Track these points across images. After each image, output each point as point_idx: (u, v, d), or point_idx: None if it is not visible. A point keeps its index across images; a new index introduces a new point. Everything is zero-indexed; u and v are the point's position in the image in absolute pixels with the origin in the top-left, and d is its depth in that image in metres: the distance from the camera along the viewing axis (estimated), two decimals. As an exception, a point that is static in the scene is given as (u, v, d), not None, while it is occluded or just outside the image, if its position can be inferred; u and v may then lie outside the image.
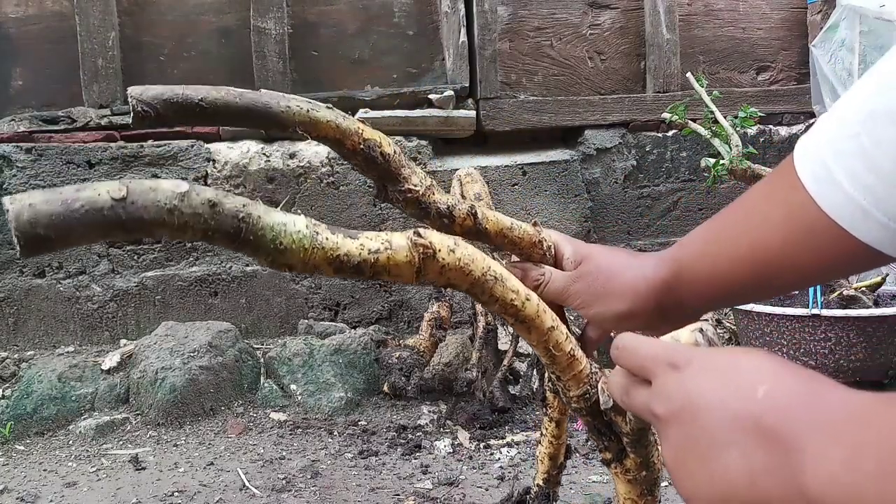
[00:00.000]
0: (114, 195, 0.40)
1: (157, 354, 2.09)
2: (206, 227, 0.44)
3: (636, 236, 2.80)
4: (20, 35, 2.56)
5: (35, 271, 2.43)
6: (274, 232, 0.47)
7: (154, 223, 0.42)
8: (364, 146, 0.62)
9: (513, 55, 2.79)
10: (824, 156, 0.57)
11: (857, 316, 1.91)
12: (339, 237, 0.50)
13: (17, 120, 2.47)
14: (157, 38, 2.62)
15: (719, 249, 0.68)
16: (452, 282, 0.55)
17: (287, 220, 0.48)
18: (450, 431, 1.96)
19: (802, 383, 0.41)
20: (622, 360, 0.51)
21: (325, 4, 2.71)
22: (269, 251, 0.47)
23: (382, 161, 0.63)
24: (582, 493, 1.60)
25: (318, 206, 2.56)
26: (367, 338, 2.25)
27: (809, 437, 0.38)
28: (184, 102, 0.54)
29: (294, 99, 0.59)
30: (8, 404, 2.03)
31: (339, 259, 0.50)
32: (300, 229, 0.48)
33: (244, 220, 0.45)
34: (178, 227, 0.43)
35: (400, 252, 0.52)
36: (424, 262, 0.53)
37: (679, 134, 2.72)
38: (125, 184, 0.41)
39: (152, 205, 0.41)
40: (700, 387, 0.44)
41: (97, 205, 0.40)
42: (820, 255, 0.60)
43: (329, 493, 1.64)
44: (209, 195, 0.44)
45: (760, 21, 2.94)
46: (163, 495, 1.64)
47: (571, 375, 0.62)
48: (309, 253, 0.48)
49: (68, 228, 0.39)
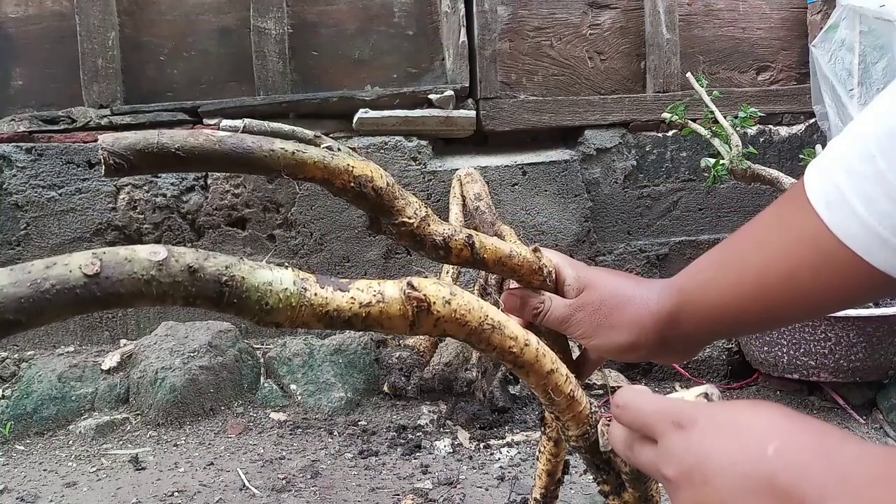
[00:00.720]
0: (86, 271, 0.38)
1: (157, 354, 2.09)
2: (186, 294, 0.42)
3: (636, 236, 2.80)
4: (20, 35, 2.56)
5: (35, 271, 2.42)
6: (259, 292, 0.45)
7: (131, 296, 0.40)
8: (354, 183, 0.60)
9: (513, 55, 2.79)
10: (837, 180, 0.55)
11: (857, 316, 1.91)
12: (328, 291, 0.48)
13: (17, 120, 2.47)
14: (157, 37, 2.62)
15: (726, 279, 0.65)
16: (448, 332, 0.54)
17: (273, 277, 0.46)
18: (450, 431, 1.96)
19: (814, 438, 0.40)
20: (624, 418, 0.50)
21: (325, 4, 2.71)
22: (255, 312, 0.45)
23: (374, 196, 0.61)
24: (582, 494, 1.60)
25: (318, 205, 2.56)
26: (367, 338, 2.25)
27: (826, 496, 0.37)
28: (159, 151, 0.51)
29: (278, 142, 0.56)
30: (8, 404, 2.03)
31: (329, 315, 0.48)
32: (287, 287, 0.46)
33: (227, 284, 0.43)
34: (156, 297, 0.41)
35: (393, 305, 0.50)
36: (418, 315, 0.51)
37: (679, 134, 2.72)
38: (98, 256, 0.39)
39: (128, 278, 0.39)
40: (708, 447, 0.43)
41: (69, 283, 0.38)
42: (832, 283, 0.57)
43: (329, 493, 1.64)
44: (188, 260, 0.42)
45: (760, 21, 2.94)
46: (163, 495, 1.64)
47: (571, 416, 0.61)
48: (297, 311, 0.46)
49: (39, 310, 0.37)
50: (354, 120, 2.55)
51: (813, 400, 2.06)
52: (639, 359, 0.70)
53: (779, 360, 2.00)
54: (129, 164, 0.51)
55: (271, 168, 0.56)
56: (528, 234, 2.58)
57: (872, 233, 0.53)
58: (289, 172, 0.57)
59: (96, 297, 0.39)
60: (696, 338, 0.69)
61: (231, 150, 0.54)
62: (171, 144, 0.52)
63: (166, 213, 2.49)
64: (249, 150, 0.55)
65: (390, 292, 0.51)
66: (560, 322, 0.69)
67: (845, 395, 2.00)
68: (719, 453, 0.42)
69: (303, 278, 0.47)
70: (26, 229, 2.41)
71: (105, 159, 0.50)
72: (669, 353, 0.69)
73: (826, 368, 1.94)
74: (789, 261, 0.60)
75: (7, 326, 0.36)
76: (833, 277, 0.57)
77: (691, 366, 2.23)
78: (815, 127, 2.87)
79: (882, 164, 0.52)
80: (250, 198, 2.53)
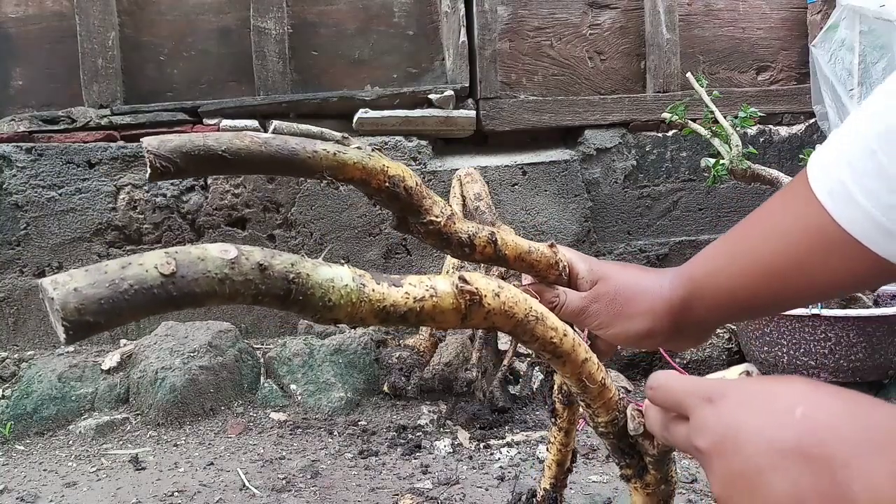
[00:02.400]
0: (163, 270, 0.39)
1: (157, 354, 2.09)
2: (256, 293, 0.42)
3: (636, 236, 2.80)
4: (20, 35, 2.56)
5: (35, 271, 2.43)
6: (323, 289, 0.45)
7: (205, 295, 0.40)
8: (389, 183, 0.61)
9: (513, 55, 2.79)
10: (840, 173, 0.57)
11: (857, 316, 1.91)
12: (384, 286, 0.49)
13: (17, 120, 2.47)
14: (157, 37, 2.62)
15: (735, 265, 0.68)
16: (497, 324, 0.55)
17: (334, 274, 0.46)
18: (450, 431, 1.96)
19: (841, 401, 0.41)
20: (658, 398, 0.52)
21: (325, 4, 2.71)
22: (318, 309, 0.45)
23: (406, 195, 0.62)
24: (582, 493, 1.60)
25: (318, 206, 2.56)
26: (367, 338, 2.25)
27: (853, 453, 0.38)
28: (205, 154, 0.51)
29: (320, 143, 0.57)
30: (8, 404, 2.03)
31: (386, 310, 0.49)
32: (347, 283, 0.46)
33: (293, 282, 0.44)
34: (229, 296, 0.41)
35: (446, 299, 0.51)
36: (470, 308, 0.52)
37: (679, 134, 2.72)
38: (173, 256, 0.39)
39: (203, 277, 0.40)
40: (738, 417, 0.44)
41: (146, 283, 0.38)
42: (838, 270, 0.60)
43: (329, 493, 1.64)
44: (258, 258, 0.42)
45: (760, 21, 2.94)
46: (163, 495, 1.64)
47: (601, 403, 0.63)
48: (356, 307, 0.47)
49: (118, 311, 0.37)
50: (354, 120, 2.55)
51: (813, 400, 2.06)
52: (653, 346, 0.72)
53: (779, 360, 2.00)
54: (175, 167, 0.50)
55: (314, 170, 0.56)
56: (528, 235, 2.58)
57: (876, 224, 0.55)
58: (330, 174, 0.57)
59: (172, 297, 0.39)
60: (708, 323, 0.71)
61: (276, 153, 0.54)
62: (216, 147, 0.51)
63: (166, 213, 2.48)
64: (294, 151, 0.55)
65: (442, 287, 0.52)
66: (576, 314, 0.71)
67: (845, 395, 2.00)
68: (748, 422, 0.43)
69: (360, 275, 0.48)
70: (26, 229, 2.41)
71: (151, 162, 0.49)
72: (682, 339, 0.72)
73: (826, 368, 1.94)
74: (797, 249, 0.62)
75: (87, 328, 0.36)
76: (839, 264, 0.59)
77: (691, 365, 2.23)
78: (815, 127, 2.87)
79: (883, 159, 0.53)
80: (250, 198, 2.53)
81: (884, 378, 1.97)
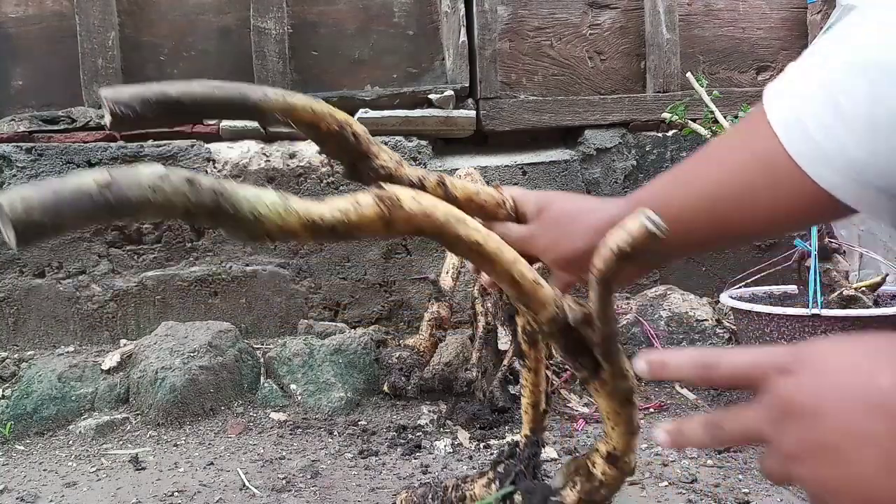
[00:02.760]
0: (99, 181, 0.43)
1: (157, 354, 2.09)
2: (187, 204, 0.46)
3: (636, 236, 2.79)
4: (20, 35, 2.56)
5: (35, 271, 2.43)
6: (250, 203, 0.50)
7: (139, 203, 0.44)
8: (337, 126, 0.66)
9: (513, 55, 2.79)
10: (795, 103, 0.57)
11: (857, 316, 1.91)
12: (308, 203, 0.53)
13: (17, 120, 2.47)
14: (157, 37, 2.62)
15: (680, 191, 0.68)
16: (420, 228, 0.58)
17: (258, 191, 0.51)
18: (450, 431, 1.96)
19: None
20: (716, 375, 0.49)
21: (325, 4, 2.71)
22: (248, 221, 0.49)
23: (354, 140, 0.67)
24: (582, 493, 1.60)
25: (318, 206, 2.56)
26: (367, 338, 2.25)
27: None
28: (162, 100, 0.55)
29: (269, 89, 0.62)
30: (8, 404, 2.03)
31: (314, 222, 0.53)
32: (273, 199, 0.51)
33: (221, 195, 0.48)
34: (161, 206, 0.45)
35: (368, 207, 0.56)
36: (392, 213, 0.56)
37: (679, 134, 2.72)
38: (109, 171, 0.44)
39: (136, 186, 0.44)
40: (822, 389, 0.43)
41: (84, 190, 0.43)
42: (781, 199, 0.60)
43: (329, 493, 1.64)
44: (185, 174, 0.47)
45: (760, 21, 2.94)
46: (163, 495, 1.64)
47: (538, 301, 0.65)
48: (285, 220, 0.51)
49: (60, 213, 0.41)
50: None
51: (813, 400, 2.06)
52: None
53: (779, 360, 2.00)
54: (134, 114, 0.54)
55: (265, 112, 0.61)
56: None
57: (823, 156, 0.55)
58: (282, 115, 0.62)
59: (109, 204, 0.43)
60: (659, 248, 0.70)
61: (229, 96, 0.59)
62: (172, 92, 0.55)
63: (166, 213, 2.48)
64: (244, 95, 0.60)
65: (364, 197, 0.56)
66: (522, 241, 0.71)
67: (845, 395, 2.00)
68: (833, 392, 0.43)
69: (285, 194, 0.52)
70: (26, 229, 2.41)
71: (112, 109, 0.53)
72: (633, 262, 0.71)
73: (826, 368, 1.94)
74: (743, 176, 0.62)
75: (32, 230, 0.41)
76: (782, 193, 0.59)
77: (691, 366, 2.23)
78: (815, 127, 2.87)
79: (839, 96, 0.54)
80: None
81: (884, 378, 1.97)
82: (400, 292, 2.63)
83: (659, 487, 1.60)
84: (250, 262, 2.54)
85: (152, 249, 2.50)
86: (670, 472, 1.66)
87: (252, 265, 2.54)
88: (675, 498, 1.54)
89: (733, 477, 1.64)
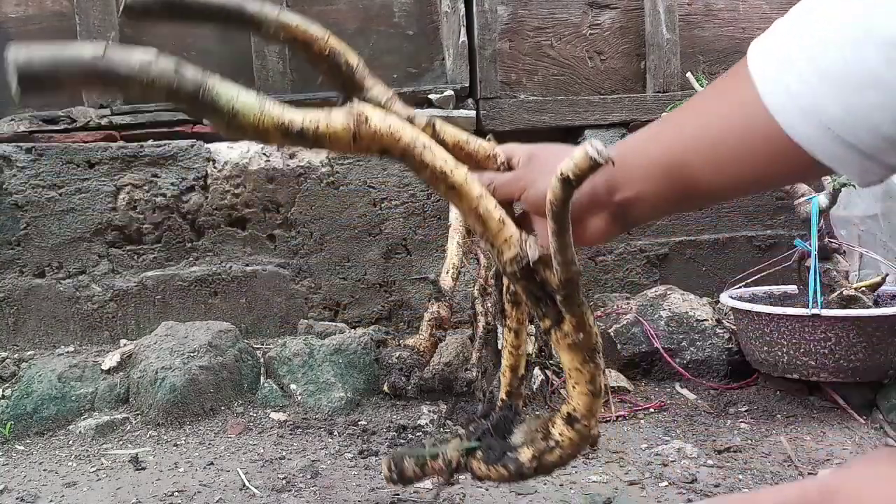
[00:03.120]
0: (95, 52, 0.49)
1: (157, 354, 2.09)
2: (170, 87, 0.51)
3: (636, 236, 2.80)
4: (20, 35, 2.56)
5: (35, 271, 2.43)
6: (229, 97, 0.54)
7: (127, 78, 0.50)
8: (329, 51, 0.69)
9: (513, 55, 2.79)
10: (778, 56, 0.58)
11: (857, 316, 1.91)
12: (285, 108, 0.57)
13: (17, 120, 2.47)
14: (157, 37, 2.62)
15: (657, 139, 0.68)
16: (386, 147, 0.60)
17: (238, 90, 0.55)
18: (450, 431, 1.96)
19: None
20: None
21: (324, 4, 2.71)
22: (226, 113, 0.53)
23: (347, 69, 0.70)
24: (582, 493, 1.60)
25: (318, 205, 2.56)
26: (367, 338, 2.25)
27: None
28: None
29: (268, 4, 0.66)
30: (8, 404, 2.03)
31: (285, 125, 0.56)
32: (251, 98, 0.55)
33: (202, 86, 0.53)
34: (147, 84, 0.50)
35: (337, 120, 0.58)
36: (359, 127, 0.58)
37: (679, 134, 2.72)
38: (104, 47, 0.49)
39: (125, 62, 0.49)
40: None
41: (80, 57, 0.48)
42: (758, 154, 0.60)
43: (329, 493, 1.64)
44: (174, 61, 0.52)
45: (760, 21, 2.94)
46: (163, 495, 1.64)
47: (503, 240, 0.65)
48: (260, 120, 0.55)
49: (56, 70, 0.47)
50: (354, 120, 2.55)
51: (813, 400, 2.06)
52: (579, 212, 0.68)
53: (779, 360, 2.00)
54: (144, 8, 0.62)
55: (260, 24, 0.66)
56: (528, 234, 2.57)
57: (799, 109, 0.55)
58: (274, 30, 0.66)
59: (99, 71, 0.49)
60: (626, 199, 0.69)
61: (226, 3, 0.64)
62: None
63: (166, 213, 2.48)
64: (241, 5, 0.65)
65: (336, 112, 0.59)
66: (507, 185, 0.72)
67: (845, 395, 2.00)
68: None
69: (263, 98, 0.56)
70: (26, 229, 2.41)
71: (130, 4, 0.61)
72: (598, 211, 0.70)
73: (826, 368, 1.94)
74: (721, 125, 0.62)
75: (34, 82, 0.47)
76: (758, 147, 0.60)
77: (691, 365, 2.23)
78: (815, 127, 2.87)
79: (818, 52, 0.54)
80: (250, 198, 2.53)
81: (884, 378, 1.97)
82: (400, 292, 2.63)
83: (659, 487, 1.60)
84: (250, 262, 2.54)
85: (152, 249, 2.50)
86: (670, 472, 1.66)
87: (252, 265, 2.54)
88: (675, 498, 1.54)
89: (733, 477, 1.64)
